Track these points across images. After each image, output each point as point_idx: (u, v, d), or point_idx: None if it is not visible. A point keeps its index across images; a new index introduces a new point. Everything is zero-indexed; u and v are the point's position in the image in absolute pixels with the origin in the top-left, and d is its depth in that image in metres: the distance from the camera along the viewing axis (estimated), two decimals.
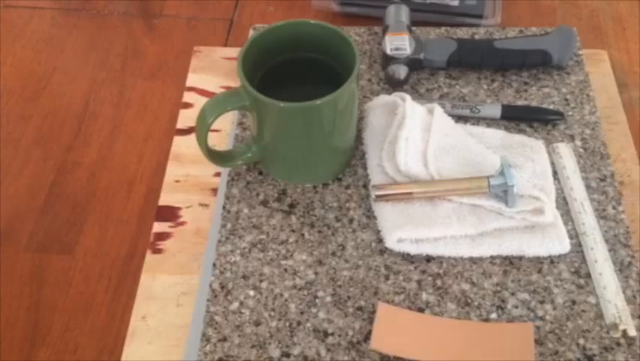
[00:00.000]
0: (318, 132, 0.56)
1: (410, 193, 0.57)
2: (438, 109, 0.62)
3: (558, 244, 0.55)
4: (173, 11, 0.81)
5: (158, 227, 0.60)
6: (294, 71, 0.60)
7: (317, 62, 0.60)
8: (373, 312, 0.53)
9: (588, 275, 0.55)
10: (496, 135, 0.63)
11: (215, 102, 0.55)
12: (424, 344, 0.51)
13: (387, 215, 0.57)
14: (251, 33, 0.73)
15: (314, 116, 0.54)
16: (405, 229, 0.55)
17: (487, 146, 0.61)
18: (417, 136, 0.60)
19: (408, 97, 0.61)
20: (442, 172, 0.58)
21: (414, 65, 0.68)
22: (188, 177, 0.63)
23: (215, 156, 0.59)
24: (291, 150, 0.58)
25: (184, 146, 0.65)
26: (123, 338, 0.54)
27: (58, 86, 0.74)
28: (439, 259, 0.56)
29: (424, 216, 0.56)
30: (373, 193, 0.57)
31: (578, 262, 0.55)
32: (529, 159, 0.60)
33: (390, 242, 0.55)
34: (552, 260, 0.55)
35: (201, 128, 0.55)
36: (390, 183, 0.58)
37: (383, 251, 0.56)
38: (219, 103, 0.55)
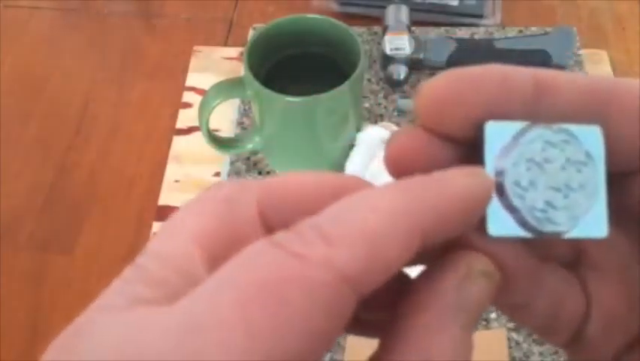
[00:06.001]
0: (320, 127, 0.56)
1: None
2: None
3: None
4: (173, 11, 0.81)
5: (157, 227, 0.60)
6: (300, 66, 0.61)
7: (323, 58, 0.60)
8: None
9: None
10: None
11: (219, 88, 0.56)
12: None
13: None
14: (251, 33, 0.73)
15: (316, 110, 0.55)
16: None
17: None
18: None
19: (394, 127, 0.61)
20: None
21: (414, 65, 0.68)
22: (188, 177, 0.63)
23: (216, 141, 0.59)
24: (293, 143, 0.58)
25: (184, 146, 0.65)
26: None
27: (58, 86, 0.74)
28: None
29: None
30: None
31: None
32: None
33: None
34: None
35: (204, 112, 0.56)
36: None
37: None
38: (223, 90, 0.56)
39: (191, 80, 0.71)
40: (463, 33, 0.73)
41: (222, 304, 0.15)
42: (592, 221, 0.18)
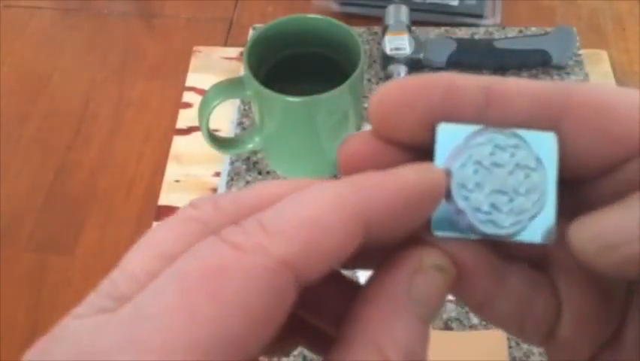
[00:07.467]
0: (320, 127, 0.56)
1: None
2: None
3: None
4: (173, 11, 0.81)
5: None
6: (300, 66, 0.61)
7: (323, 58, 0.60)
8: None
9: None
10: None
11: (219, 88, 0.56)
12: None
13: None
14: (251, 33, 0.73)
15: (316, 110, 0.55)
16: None
17: None
18: None
19: None
20: None
21: (414, 64, 0.68)
22: (188, 177, 0.63)
23: (216, 141, 0.59)
24: (293, 143, 0.59)
25: (184, 146, 0.65)
26: None
27: (58, 86, 0.74)
28: None
29: None
30: None
31: None
32: None
33: None
34: None
35: (204, 112, 0.56)
36: None
37: None
38: (223, 90, 0.56)
39: (191, 80, 0.71)
40: (463, 33, 0.73)
41: (165, 292, 0.16)
42: (540, 226, 0.19)
